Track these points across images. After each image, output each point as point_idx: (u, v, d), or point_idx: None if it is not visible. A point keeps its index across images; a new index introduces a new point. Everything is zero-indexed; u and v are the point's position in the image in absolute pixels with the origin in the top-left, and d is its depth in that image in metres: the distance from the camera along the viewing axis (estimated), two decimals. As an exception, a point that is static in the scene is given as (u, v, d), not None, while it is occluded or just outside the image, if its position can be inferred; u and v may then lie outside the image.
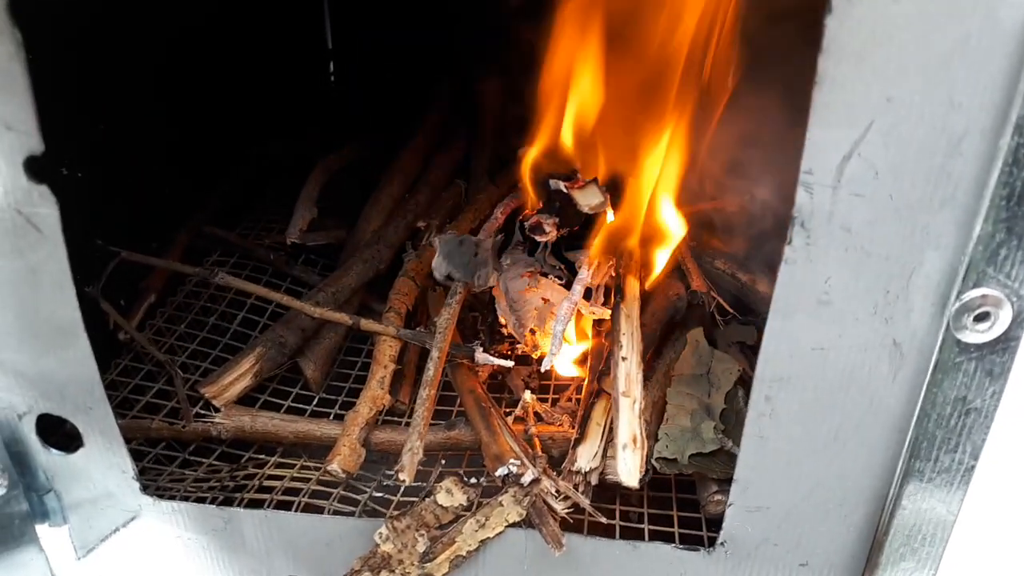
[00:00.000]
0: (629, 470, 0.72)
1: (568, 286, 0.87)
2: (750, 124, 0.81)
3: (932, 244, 0.53)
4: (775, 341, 0.59)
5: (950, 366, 0.56)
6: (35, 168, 0.57)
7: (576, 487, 0.72)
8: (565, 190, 0.85)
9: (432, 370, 0.83)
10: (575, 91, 0.83)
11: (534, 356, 0.88)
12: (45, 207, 0.58)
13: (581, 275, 0.85)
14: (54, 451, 0.70)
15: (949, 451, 0.60)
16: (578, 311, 0.84)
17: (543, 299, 0.86)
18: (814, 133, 0.51)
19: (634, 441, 0.73)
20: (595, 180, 0.86)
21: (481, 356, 0.89)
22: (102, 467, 0.71)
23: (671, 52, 0.83)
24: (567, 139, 0.83)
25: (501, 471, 0.73)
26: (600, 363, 0.82)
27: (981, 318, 0.54)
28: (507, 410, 0.86)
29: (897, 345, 0.57)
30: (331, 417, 0.88)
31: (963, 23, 0.46)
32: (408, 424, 0.86)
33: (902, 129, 0.50)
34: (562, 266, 0.92)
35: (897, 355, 0.58)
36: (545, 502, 0.70)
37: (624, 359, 0.78)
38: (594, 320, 0.88)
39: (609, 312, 0.85)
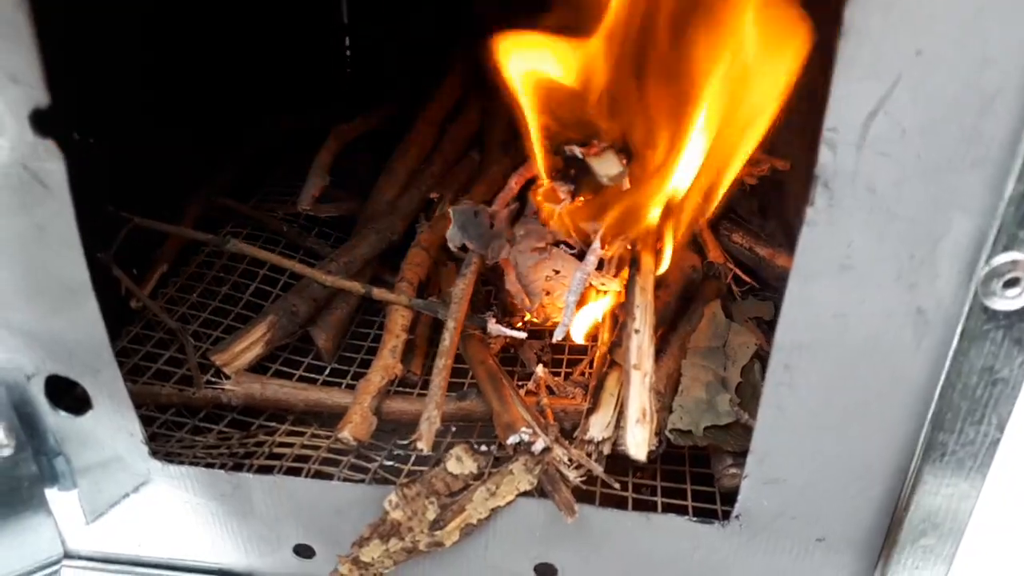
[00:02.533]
0: (638, 443, 0.71)
1: (581, 257, 0.86)
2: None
3: (961, 206, 0.51)
4: (795, 307, 0.57)
5: (977, 334, 0.54)
6: (41, 122, 0.56)
7: (589, 456, 0.71)
8: (581, 156, 0.83)
9: (448, 340, 0.82)
10: (594, 57, 0.81)
11: (545, 326, 0.87)
12: (52, 162, 0.57)
13: (594, 246, 0.84)
14: (63, 413, 0.69)
15: (974, 423, 0.58)
16: (590, 283, 0.82)
17: (554, 270, 0.85)
18: (838, 88, 0.49)
19: (644, 415, 0.71)
20: (612, 146, 0.84)
21: (494, 327, 0.88)
22: (111, 430, 0.70)
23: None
24: (586, 105, 0.81)
25: (513, 439, 0.72)
26: (614, 334, 0.80)
27: (1011, 284, 0.52)
28: (519, 383, 0.85)
29: (922, 312, 0.55)
30: (343, 387, 0.87)
31: (999, -30, 0.44)
32: (420, 395, 0.86)
33: (931, 85, 0.48)
34: (576, 237, 0.90)
35: (922, 322, 0.56)
36: (558, 470, 0.69)
37: (637, 331, 0.77)
38: (607, 291, 0.87)
39: (621, 284, 0.84)
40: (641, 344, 0.75)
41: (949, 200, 0.51)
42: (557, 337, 0.82)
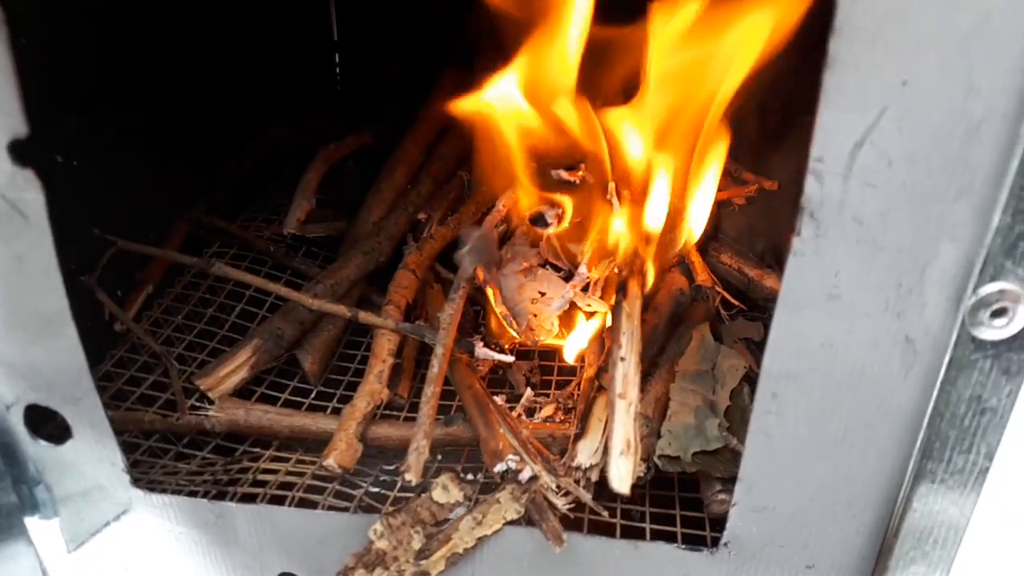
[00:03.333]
0: (621, 476, 0.69)
1: (568, 279, 0.85)
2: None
3: (948, 236, 0.51)
4: (782, 336, 0.56)
5: (965, 363, 0.54)
6: (20, 152, 0.55)
7: (577, 483, 0.70)
8: (569, 180, 0.83)
9: (436, 367, 0.81)
10: (580, 78, 0.80)
11: (532, 347, 0.86)
12: (30, 192, 0.57)
13: (581, 269, 0.83)
14: (42, 442, 0.68)
15: (963, 452, 0.58)
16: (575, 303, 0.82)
17: (540, 292, 0.84)
18: (824, 118, 0.49)
19: (628, 446, 0.70)
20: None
21: (481, 351, 0.87)
22: (92, 459, 0.69)
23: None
24: (572, 127, 0.80)
25: (499, 467, 0.71)
26: (601, 359, 0.80)
27: (998, 314, 0.52)
28: (509, 405, 0.84)
29: (910, 341, 0.55)
30: (328, 411, 0.86)
31: (984, 1, 0.44)
32: (407, 418, 0.85)
33: (917, 114, 0.48)
34: (564, 259, 0.90)
35: (909, 352, 0.55)
36: (545, 498, 0.68)
37: (623, 359, 0.75)
38: (594, 312, 0.86)
39: (605, 306, 0.83)
40: (627, 373, 0.74)
41: (936, 230, 0.51)
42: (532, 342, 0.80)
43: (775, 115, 0.93)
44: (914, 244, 0.52)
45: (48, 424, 0.69)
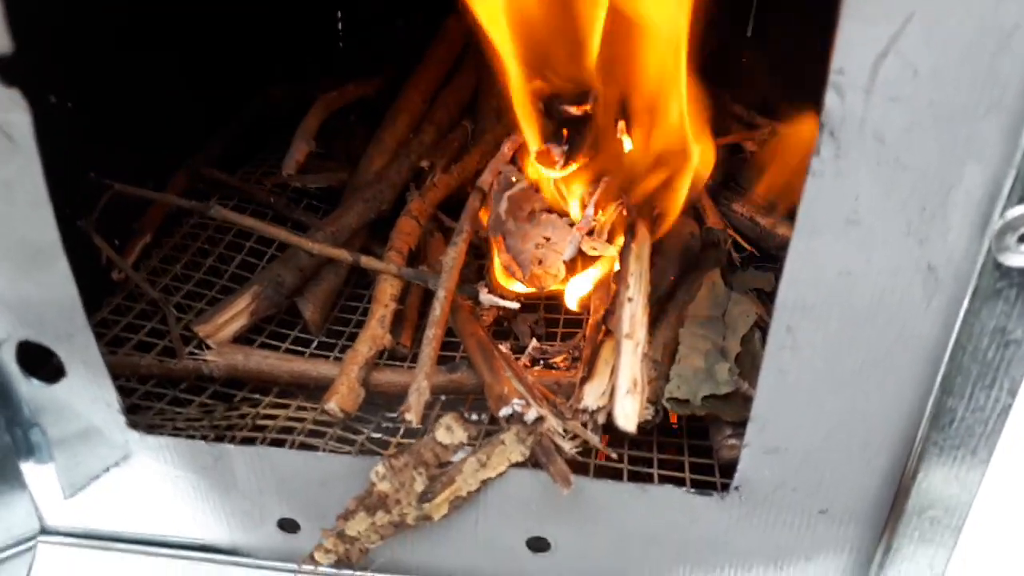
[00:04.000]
0: (627, 415, 0.68)
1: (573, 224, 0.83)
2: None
3: (975, 155, 0.49)
4: (798, 265, 0.54)
5: (990, 293, 0.52)
6: (5, 70, 0.53)
7: (584, 426, 0.68)
8: (576, 115, 0.80)
9: (439, 309, 0.79)
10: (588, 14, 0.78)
11: (540, 291, 0.84)
12: (17, 113, 0.54)
13: (588, 212, 0.81)
14: (36, 381, 0.67)
15: (985, 387, 0.55)
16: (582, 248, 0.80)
17: (544, 237, 0.82)
18: (846, 27, 0.46)
19: (635, 385, 0.68)
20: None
21: (486, 297, 0.85)
22: (86, 399, 0.68)
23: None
24: (581, 62, 0.78)
25: (505, 411, 0.69)
26: (607, 302, 0.78)
27: (1026, 238, 0.49)
28: (514, 356, 0.82)
29: (932, 269, 0.53)
30: (330, 360, 0.85)
31: None
32: (410, 367, 0.83)
33: (946, 22, 0.45)
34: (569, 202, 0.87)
35: (931, 280, 0.53)
36: (552, 441, 0.67)
37: (630, 300, 0.74)
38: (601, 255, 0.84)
39: (614, 249, 0.81)
40: (634, 313, 0.72)
41: (962, 149, 0.49)
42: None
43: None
44: (939, 164, 0.49)
45: (44, 369, 0.68)
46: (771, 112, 0.97)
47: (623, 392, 0.67)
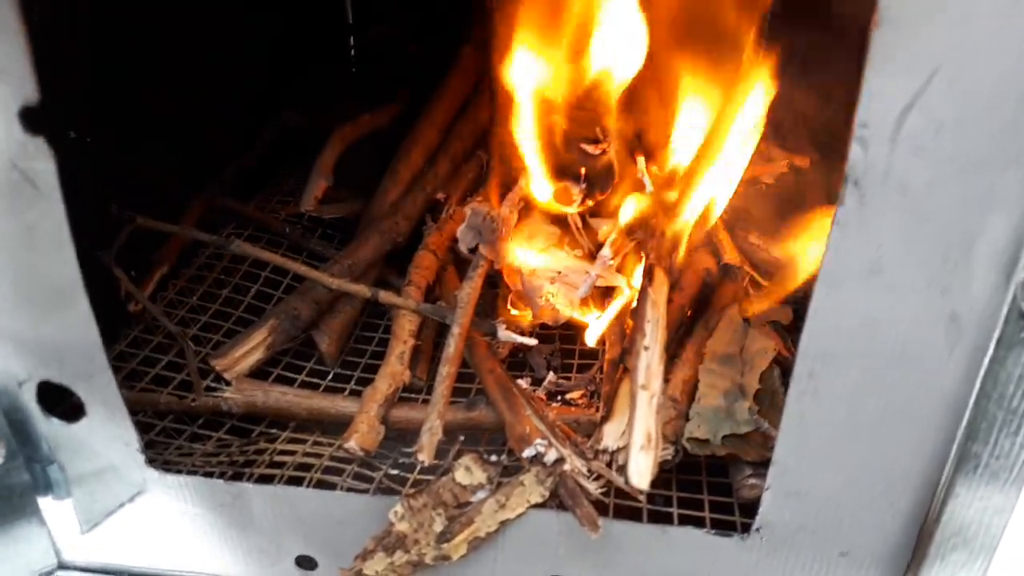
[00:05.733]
0: (640, 472, 0.66)
1: (590, 256, 0.83)
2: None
3: (998, 206, 0.49)
4: (821, 312, 0.54)
5: (1015, 341, 0.52)
6: (31, 120, 0.53)
7: (608, 467, 0.68)
8: (593, 154, 0.80)
9: (453, 346, 0.79)
10: (605, 52, 0.78)
11: (553, 324, 0.84)
12: (42, 162, 0.55)
13: (604, 252, 0.81)
14: (55, 420, 0.67)
15: (1010, 434, 0.55)
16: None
17: (557, 271, 0.82)
18: (871, 81, 0.46)
19: (648, 440, 0.67)
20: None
21: (504, 333, 0.85)
22: (105, 438, 0.68)
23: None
24: (597, 100, 0.78)
25: (528, 452, 0.69)
26: (625, 340, 0.77)
27: (1052, 289, 0.49)
28: (532, 388, 0.82)
29: (955, 318, 0.53)
30: (346, 393, 0.85)
31: (1045, -47, 0.42)
32: (425, 400, 0.83)
33: (970, 77, 0.45)
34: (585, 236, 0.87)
35: (955, 329, 0.53)
36: (577, 483, 0.66)
37: (647, 348, 0.73)
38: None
39: (624, 280, 0.81)
40: (650, 363, 0.71)
41: (986, 200, 0.49)
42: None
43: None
44: (962, 215, 0.49)
45: (62, 404, 0.68)
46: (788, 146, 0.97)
47: (637, 448, 0.66)
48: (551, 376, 0.84)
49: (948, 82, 0.46)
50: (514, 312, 0.89)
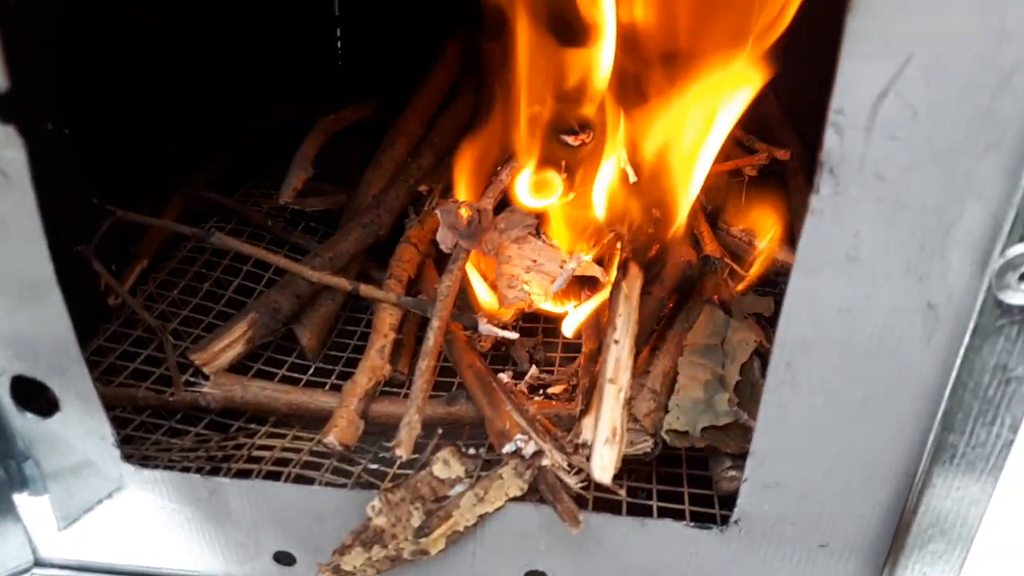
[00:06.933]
0: (604, 466, 0.66)
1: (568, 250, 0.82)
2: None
3: (974, 194, 0.49)
4: (798, 302, 0.54)
5: (991, 330, 0.51)
6: (1, 107, 0.53)
7: (587, 460, 0.67)
8: (573, 144, 0.80)
9: (432, 339, 0.78)
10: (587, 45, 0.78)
11: (528, 309, 0.84)
12: (12, 150, 0.54)
13: (581, 248, 0.80)
14: (30, 415, 0.66)
15: (986, 424, 0.55)
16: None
17: (533, 260, 0.81)
18: (846, 67, 0.46)
19: (613, 434, 0.67)
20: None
21: (485, 327, 0.84)
22: (80, 432, 0.67)
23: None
24: (577, 94, 0.78)
25: (508, 448, 0.69)
26: (601, 335, 0.77)
27: (1027, 276, 0.49)
28: (514, 382, 0.82)
29: (932, 307, 0.52)
30: (327, 388, 0.84)
31: (1019, -63, 0.41)
32: (407, 395, 0.82)
33: (946, 62, 0.45)
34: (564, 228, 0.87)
35: (932, 317, 0.53)
36: (557, 478, 0.66)
37: (616, 343, 0.72)
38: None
39: (600, 269, 0.80)
40: (619, 357, 0.71)
41: (962, 187, 0.48)
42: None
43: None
44: (939, 202, 0.49)
45: (38, 400, 0.67)
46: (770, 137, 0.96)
47: (601, 442, 0.66)
48: (533, 370, 0.84)
49: (924, 67, 0.45)
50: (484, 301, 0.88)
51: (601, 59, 0.79)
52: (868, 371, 0.55)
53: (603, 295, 0.83)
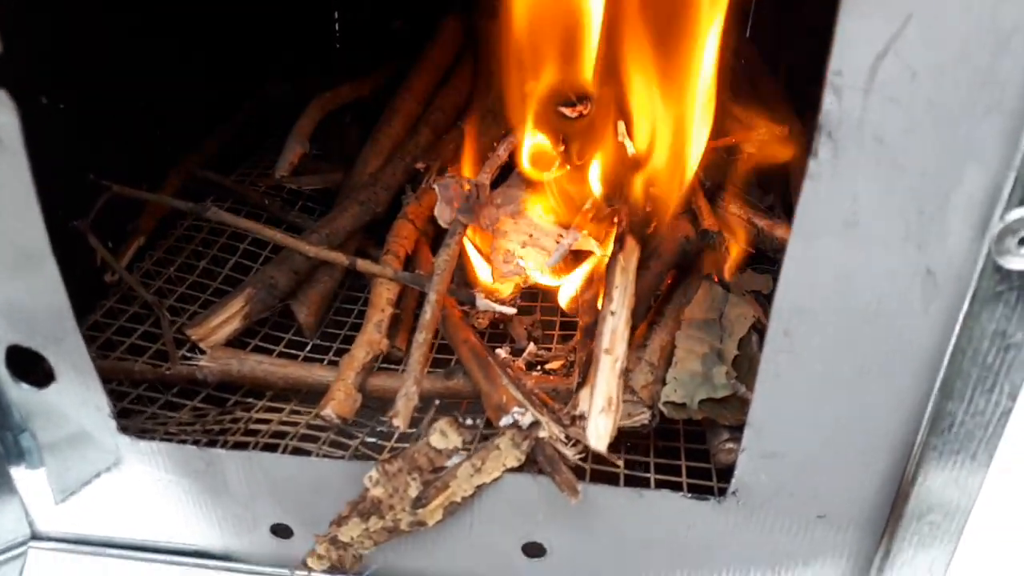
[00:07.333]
0: (599, 435, 0.66)
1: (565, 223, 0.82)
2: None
3: (974, 157, 0.48)
4: (796, 268, 0.53)
5: (990, 296, 0.51)
6: (-6, 72, 0.52)
7: (583, 431, 0.67)
8: (571, 116, 0.79)
9: (429, 312, 0.78)
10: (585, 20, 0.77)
11: (523, 284, 0.84)
12: (4, 115, 0.54)
13: (576, 225, 0.80)
14: (25, 386, 0.66)
15: (985, 391, 0.55)
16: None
17: (529, 234, 0.81)
18: (844, 27, 0.45)
19: (609, 404, 0.67)
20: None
21: (483, 302, 0.84)
22: (76, 403, 0.67)
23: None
24: (577, 67, 0.77)
25: (505, 420, 0.68)
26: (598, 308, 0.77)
27: (1026, 241, 0.49)
28: (512, 358, 0.81)
29: (931, 273, 0.52)
30: (324, 363, 0.84)
31: None
32: (404, 370, 0.82)
33: (944, 23, 0.45)
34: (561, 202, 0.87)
35: (930, 284, 0.52)
36: (556, 449, 0.66)
37: (613, 314, 0.72)
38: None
39: (595, 243, 0.80)
40: (616, 328, 0.71)
41: (962, 150, 0.48)
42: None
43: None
44: (938, 166, 0.49)
45: (34, 372, 0.67)
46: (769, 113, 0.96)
47: (597, 410, 0.66)
48: (531, 347, 0.84)
49: (923, 28, 0.45)
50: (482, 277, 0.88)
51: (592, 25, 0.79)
52: (866, 338, 0.55)
53: (593, 260, 0.82)
